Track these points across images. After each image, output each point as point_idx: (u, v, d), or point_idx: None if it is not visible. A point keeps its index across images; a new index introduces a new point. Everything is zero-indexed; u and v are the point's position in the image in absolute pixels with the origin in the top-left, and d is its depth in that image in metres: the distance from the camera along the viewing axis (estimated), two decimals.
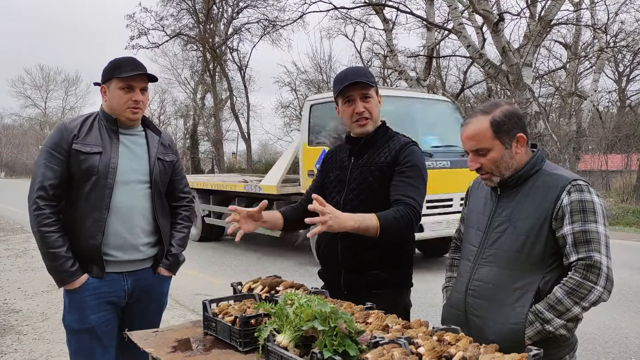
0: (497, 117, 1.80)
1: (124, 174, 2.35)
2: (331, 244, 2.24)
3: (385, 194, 2.15)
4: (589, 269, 1.66)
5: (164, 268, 2.50)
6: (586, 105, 19.11)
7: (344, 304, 1.90)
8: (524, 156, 1.85)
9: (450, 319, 1.96)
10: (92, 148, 2.30)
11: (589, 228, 1.69)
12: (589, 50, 21.05)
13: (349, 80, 2.17)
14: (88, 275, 2.31)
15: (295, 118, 35.78)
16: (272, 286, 2.15)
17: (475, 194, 2.08)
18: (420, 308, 5.32)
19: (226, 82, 33.96)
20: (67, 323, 2.38)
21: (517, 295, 1.76)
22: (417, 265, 2.05)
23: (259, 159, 41.89)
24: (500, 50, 12.92)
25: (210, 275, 7.38)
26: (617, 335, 4.61)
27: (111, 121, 2.37)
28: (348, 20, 24.26)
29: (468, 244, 1.99)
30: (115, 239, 2.33)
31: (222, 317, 1.90)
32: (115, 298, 2.37)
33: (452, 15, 15.19)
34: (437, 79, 30.11)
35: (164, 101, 46.52)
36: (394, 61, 21.26)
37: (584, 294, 1.65)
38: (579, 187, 1.74)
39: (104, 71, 2.38)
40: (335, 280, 2.25)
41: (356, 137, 2.28)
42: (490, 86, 22.67)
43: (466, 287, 1.91)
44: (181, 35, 32.79)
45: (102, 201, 2.29)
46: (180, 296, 6.22)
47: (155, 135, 2.52)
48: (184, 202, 2.65)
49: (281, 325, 1.58)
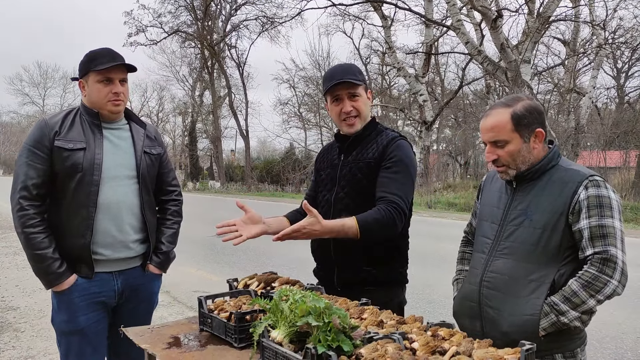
0: (518, 111, 1.81)
1: (110, 169, 2.27)
2: (324, 243, 2.23)
3: (374, 190, 2.12)
4: (605, 263, 1.68)
5: (155, 266, 2.44)
6: (585, 102, 19.11)
7: (339, 300, 1.90)
8: (541, 151, 1.85)
9: (463, 310, 1.97)
10: (75, 144, 2.21)
11: (606, 223, 1.71)
12: (587, 46, 21.04)
13: (335, 79, 2.15)
14: (77, 276, 2.24)
15: (294, 115, 35.82)
16: (268, 282, 2.15)
17: (488, 188, 2.08)
18: (417, 304, 5.34)
19: (224, 79, 33.93)
20: (56, 325, 2.31)
21: (532, 287, 1.78)
22: (414, 262, 2.07)
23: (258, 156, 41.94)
24: (499, 47, 12.91)
25: (208, 272, 7.38)
26: (614, 331, 4.63)
27: (93, 115, 2.28)
28: (346, 17, 24.25)
29: (482, 237, 1.99)
30: (104, 237, 2.26)
31: (217, 313, 1.90)
32: (105, 298, 2.30)
33: (450, 12, 15.18)
34: (435, 75, 30.11)
35: (162, 98, 46.53)
36: (393, 58, 21.25)
37: (600, 287, 1.67)
38: (596, 182, 1.76)
39: (80, 65, 2.28)
40: (329, 278, 2.24)
41: (345, 135, 2.27)
42: (488, 83, 22.65)
43: (480, 279, 1.91)
44: (179, 32, 32.76)
45: (89, 198, 2.21)
46: (177, 293, 6.22)
47: (140, 127, 2.44)
48: (173, 195, 2.58)
49: (276, 321, 1.58)
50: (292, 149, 34.27)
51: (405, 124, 32.68)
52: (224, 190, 31.03)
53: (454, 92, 23.42)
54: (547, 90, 26.64)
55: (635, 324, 4.84)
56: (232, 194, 27.55)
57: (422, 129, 20.69)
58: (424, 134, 20.64)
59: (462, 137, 29.97)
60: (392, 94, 31.86)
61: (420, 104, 20.66)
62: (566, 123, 20.71)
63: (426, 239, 9.02)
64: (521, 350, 1.31)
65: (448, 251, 8.54)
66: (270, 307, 1.63)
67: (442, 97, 28.61)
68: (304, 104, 34.54)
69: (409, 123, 30.39)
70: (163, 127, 49.17)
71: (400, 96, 31.92)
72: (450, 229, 11.32)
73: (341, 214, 2.14)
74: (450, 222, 13.08)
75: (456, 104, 29.00)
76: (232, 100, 33.56)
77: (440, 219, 13.88)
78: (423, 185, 19.34)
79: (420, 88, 20.33)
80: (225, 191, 30.25)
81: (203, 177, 39.44)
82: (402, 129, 32.78)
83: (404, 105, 27.92)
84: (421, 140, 20.77)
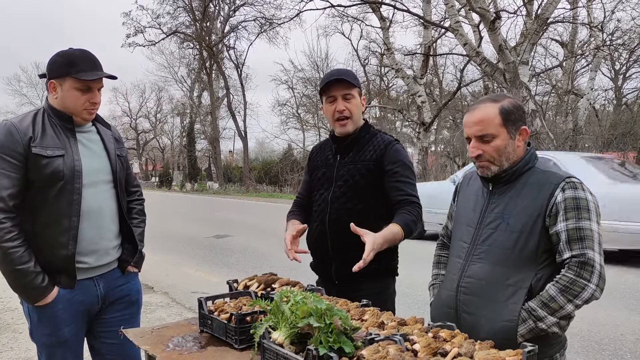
0: (506, 106, 1.81)
1: (89, 175, 2.17)
2: (322, 237, 2.33)
3: (370, 191, 2.27)
4: (582, 267, 1.66)
5: (133, 266, 2.39)
6: (582, 104, 19.15)
7: (339, 301, 1.90)
8: (522, 151, 1.85)
9: (440, 317, 1.94)
10: (53, 151, 2.07)
11: (583, 225, 1.69)
12: (585, 48, 21.09)
13: (331, 78, 2.27)
14: (58, 288, 2.12)
15: (292, 116, 35.82)
16: (268, 283, 2.15)
17: (464, 191, 2.07)
18: (416, 305, 5.33)
19: (223, 80, 33.91)
20: (36, 338, 2.19)
21: (510, 292, 1.76)
22: (411, 263, 2.11)
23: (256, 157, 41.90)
24: (497, 48, 12.93)
25: (207, 273, 7.37)
26: (613, 332, 4.63)
27: (66, 119, 2.15)
28: (345, 18, 24.25)
29: (458, 241, 1.98)
30: (88, 245, 2.17)
31: (217, 314, 1.90)
32: (88, 306, 2.22)
33: (448, 13, 15.18)
34: (433, 77, 30.14)
35: (161, 99, 46.49)
36: (391, 59, 21.26)
37: (577, 291, 1.65)
38: (573, 184, 1.74)
39: (54, 64, 2.13)
40: (326, 271, 2.35)
41: (340, 136, 2.37)
42: (487, 84, 22.68)
43: (457, 284, 1.89)
44: (177, 33, 32.75)
45: (71, 207, 2.10)
46: (176, 294, 6.21)
47: (106, 129, 2.35)
48: (136, 195, 2.52)
49: (277, 323, 1.58)
50: (290, 150, 34.28)
51: (404, 125, 32.71)
52: (222, 191, 31.01)
53: (452, 94, 23.39)
54: (545, 92, 26.71)
55: (634, 325, 4.84)
56: (230, 195, 27.55)
57: (420, 130, 20.70)
58: (422, 135, 20.65)
59: (460, 138, 29.95)
60: (390, 95, 31.90)
61: (418, 105, 20.66)
62: (564, 124, 20.75)
63: (425, 239, 9.03)
64: (523, 352, 1.32)
65: None
66: (271, 308, 1.64)
67: (440, 98, 28.63)
68: (302, 105, 34.56)
69: (407, 124, 30.43)
70: (161, 127, 49.18)
71: (399, 97, 31.94)
72: None
73: (337, 211, 2.29)
74: None
75: (454, 105, 29.00)
76: (230, 101, 33.57)
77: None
78: None
79: (418, 89, 20.33)
80: (224, 192, 30.23)
81: (201, 178, 39.42)
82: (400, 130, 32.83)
83: (402, 106, 27.94)
84: (419, 142, 20.78)
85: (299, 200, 2.56)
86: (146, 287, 6.48)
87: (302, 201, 2.54)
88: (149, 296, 6.10)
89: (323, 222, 2.32)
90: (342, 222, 2.24)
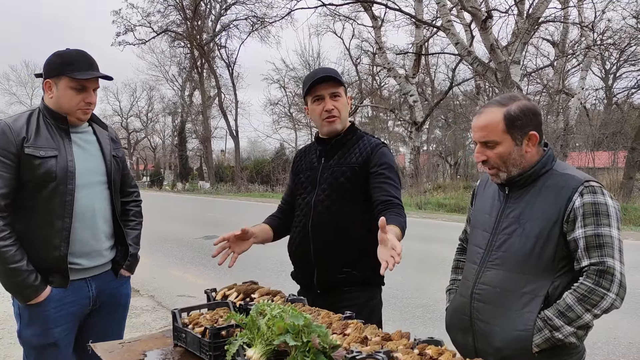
0: (512, 111, 1.71)
1: (83, 176, 2.17)
2: (303, 243, 2.22)
3: (356, 194, 2.16)
4: (601, 275, 1.58)
5: (125, 269, 2.38)
6: (573, 103, 19.19)
7: (321, 313, 1.80)
8: (534, 155, 1.75)
9: (455, 324, 1.89)
10: (46, 152, 2.08)
11: (602, 232, 1.61)
12: (576, 48, 21.14)
13: (318, 76, 2.17)
14: (50, 288, 2.13)
15: (284, 115, 35.69)
16: (247, 293, 2.04)
17: (481, 194, 1.98)
18: (407, 309, 5.24)
19: (214, 79, 33.71)
20: (25, 339, 2.16)
21: (525, 300, 1.68)
22: (403, 265, 2.01)
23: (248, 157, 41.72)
24: (489, 48, 12.90)
25: (195, 276, 7.22)
26: (606, 336, 4.56)
27: (60, 120, 2.16)
28: (337, 17, 24.15)
29: (474, 246, 1.90)
30: (82, 246, 2.18)
31: (192, 327, 1.79)
32: (79, 306, 2.22)
33: (440, 13, 15.15)
34: (425, 76, 30.14)
35: (152, 98, 46.12)
36: (383, 58, 21.21)
37: (596, 300, 1.57)
38: (592, 188, 1.65)
39: (51, 64, 2.14)
40: (308, 280, 2.23)
41: (325, 139, 2.27)
42: (478, 84, 22.69)
43: (471, 291, 1.82)
44: (168, 31, 32.49)
45: (64, 208, 2.11)
46: (162, 297, 6.07)
47: (103, 130, 2.35)
48: (133, 196, 2.51)
49: (252, 339, 1.48)
50: (282, 149, 34.15)
51: (396, 124, 32.67)
52: (213, 190, 30.81)
53: (444, 93, 23.42)
54: (536, 91, 26.75)
55: (628, 328, 4.78)
56: (221, 195, 27.37)
57: (412, 129, 20.66)
58: (414, 135, 20.61)
59: (452, 137, 30.02)
60: (382, 94, 31.84)
61: (410, 105, 20.63)
62: (555, 124, 20.78)
63: (416, 241, 8.93)
64: None
65: (438, 253, 8.48)
66: (246, 322, 1.53)
67: (432, 97, 28.64)
68: (294, 104, 34.40)
69: (399, 123, 30.37)
70: (153, 127, 48.82)
71: (391, 97, 31.89)
72: (440, 230, 11.25)
73: (321, 216, 2.18)
74: (440, 223, 13.01)
75: (446, 104, 29.02)
76: (221, 101, 33.35)
77: (430, 220, 13.82)
78: (413, 185, 19.30)
79: (410, 89, 20.30)
80: (215, 192, 30.04)
81: (192, 177, 39.18)
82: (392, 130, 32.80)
83: (394, 105, 27.90)
84: (411, 141, 20.75)
85: (281, 206, 2.46)
86: (132, 290, 6.32)
87: (285, 207, 2.43)
88: (134, 299, 5.96)
89: (305, 227, 2.21)
90: (325, 227, 2.16)
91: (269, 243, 2.36)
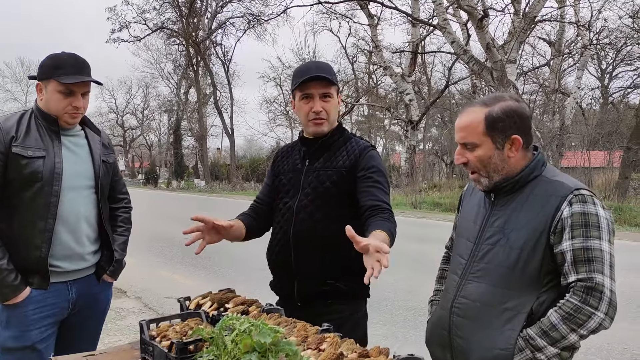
0: (494, 113, 1.60)
1: (70, 179, 2.16)
2: (284, 251, 2.06)
3: (342, 200, 2.02)
4: (589, 292, 1.46)
5: (109, 275, 2.36)
6: (569, 102, 19.15)
7: (298, 325, 1.69)
8: (520, 161, 1.63)
9: (434, 339, 1.79)
10: (34, 152, 2.09)
11: (592, 245, 1.49)
12: (572, 47, 21.09)
13: (310, 74, 2.01)
14: (30, 289, 2.11)
15: (280, 113, 35.56)
16: (222, 303, 1.93)
17: (468, 200, 1.87)
18: (397, 312, 5.15)
19: (210, 77, 33.55)
20: (1, 342, 2.11)
21: (507, 317, 1.57)
22: (395, 266, 1.89)
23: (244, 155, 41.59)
24: (485, 47, 12.83)
25: (183, 277, 7.10)
26: (599, 341, 4.47)
27: (51, 121, 2.17)
28: (333, 15, 24.05)
29: (457, 256, 1.78)
30: (62, 249, 2.16)
31: (160, 340, 1.68)
32: (59, 309, 2.18)
33: (437, 11, 15.06)
34: (422, 75, 30.09)
35: (148, 96, 45.90)
36: (379, 57, 21.11)
37: (583, 320, 1.46)
38: (582, 197, 1.53)
39: (42, 67, 2.16)
40: (288, 291, 2.07)
41: (311, 139, 2.12)
42: (474, 82, 22.61)
43: (451, 304, 1.70)
44: (163, 28, 32.30)
45: (48, 210, 2.09)
46: (149, 299, 5.96)
47: (95, 135, 2.34)
48: (123, 203, 2.50)
49: (219, 355, 1.38)
50: (278, 147, 34.02)
51: (392, 123, 32.60)
52: (208, 189, 30.66)
53: (440, 92, 23.35)
54: (532, 91, 26.71)
55: (622, 333, 4.69)
56: (216, 193, 27.24)
57: (408, 128, 20.58)
58: (410, 134, 20.54)
59: (448, 136, 29.95)
60: (378, 93, 31.74)
61: (406, 103, 20.54)
62: (551, 123, 20.75)
63: (410, 241, 8.86)
64: None
65: (432, 254, 8.37)
66: (213, 337, 1.43)
67: (428, 96, 28.56)
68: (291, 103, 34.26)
69: (395, 122, 30.33)
70: (148, 124, 48.58)
71: (387, 95, 31.80)
72: (435, 230, 11.17)
73: (303, 222, 2.03)
74: (435, 222, 12.94)
75: (442, 103, 28.96)
76: (217, 99, 33.19)
77: (425, 219, 13.74)
78: (408, 185, 19.21)
79: (406, 87, 20.21)
80: (210, 190, 29.89)
81: (188, 175, 39.01)
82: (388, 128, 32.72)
83: (390, 104, 27.82)
84: (407, 140, 20.67)
85: (255, 206, 2.26)
86: (119, 291, 6.22)
87: (260, 207, 2.24)
88: (121, 301, 5.85)
89: (286, 233, 2.06)
90: (307, 235, 2.01)
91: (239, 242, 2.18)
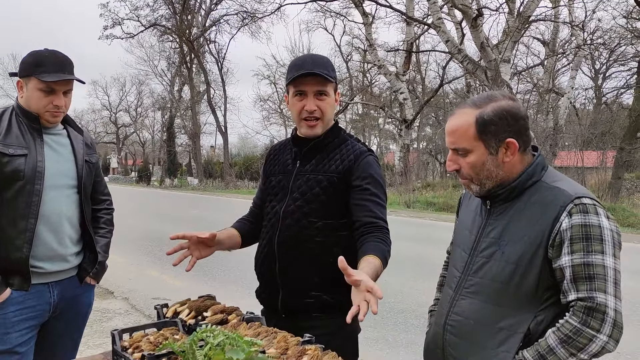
0: (485, 115, 1.46)
1: (52, 178, 2.12)
2: (268, 259, 1.94)
3: (332, 208, 1.87)
4: (589, 313, 1.33)
5: (92, 277, 2.32)
6: (563, 102, 19.15)
7: (278, 336, 1.60)
8: (516, 165, 1.49)
9: (429, 355, 1.69)
10: (15, 150, 2.05)
11: (593, 261, 1.36)
12: (566, 47, 21.12)
13: (305, 69, 1.84)
14: (10, 290, 2.06)
15: (274, 112, 35.42)
16: (200, 311, 1.84)
17: (466, 204, 1.73)
18: (388, 315, 5.07)
19: (203, 75, 33.35)
20: None
21: (502, 337, 1.45)
22: (389, 266, 1.78)
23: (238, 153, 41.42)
24: (479, 46, 12.77)
25: (173, 277, 6.97)
26: None
27: (32, 119, 2.12)
28: (327, 13, 23.95)
29: (452, 268, 1.66)
30: (44, 250, 2.11)
31: (132, 351, 1.59)
32: (40, 312, 2.13)
33: (431, 10, 15.00)
34: (416, 73, 30.04)
35: (141, 93, 45.60)
36: (374, 55, 21.03)
37: (583, 343, 1.33)
38: (584, 207, 1.38)
39: (23, 64, 2.11)
40: (272, 302, 1.95)
41: (303, 138, 1.95)
42: (469, 82, 22.60)
43: (445, 321, 1.59)
44: (157, 25, 32.08)
45: (29, 209, 2.05)
46: (136, 300, 5.84)
47: (78, 134, 2.30)
48: (105, 204, 2.46)
49: None
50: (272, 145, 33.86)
51: (386, 121, 32.54)
52: (201, 187, 30.50)
53: (435, 91, 23.28)
54: (526, 90, 26.75)
55: None
56: (209, 191, 27.10)
57: (402, 127, 20.52)
58: (404, 132, 20.48)
59: (442, 135, 29.93)
60: (372, 91, 31.68)
61: (400, 102, 20.47)
62: (545, 123, 20.77)
63: (402, 241, 8.77)
64: None
65: (424, 253, 8.33)
66: (184, 351, 1.34)
67: (422, 95, 28.53)
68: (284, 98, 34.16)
69: (389, 121, 30.25)
70: (142, 122, 48.26)
71: (381, 94, 31.74)
72: (427, 229, 11.10)
73: (290, 228, 1.89)
74: (428, 222, 12.88)
75: (437, 102, 28.95)
76: (211, 96, 33.02)
77: (418, 219, 13.69)
78: (402, 184, 19.16)
79: (401, 86, 20.14)
80: (203, 188, 29.73)
81: (181, 173, 38.81)
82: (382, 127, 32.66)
83: (384, 103, 27.76)
84: (401, 139, 20.61)
85: (253, 209, 2.17)
86: (106, 292, 6.11)
87: (255, 210, 2.14)
88: (108, 302, 5.74)
89: (271, 241, 1.93)
90: (293, 242, 1.87)
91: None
